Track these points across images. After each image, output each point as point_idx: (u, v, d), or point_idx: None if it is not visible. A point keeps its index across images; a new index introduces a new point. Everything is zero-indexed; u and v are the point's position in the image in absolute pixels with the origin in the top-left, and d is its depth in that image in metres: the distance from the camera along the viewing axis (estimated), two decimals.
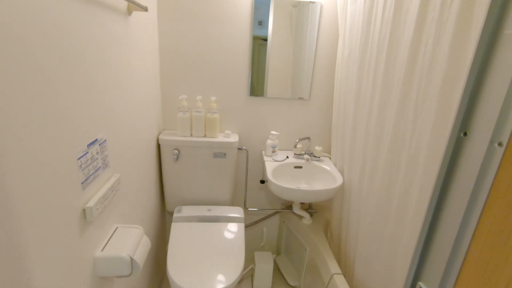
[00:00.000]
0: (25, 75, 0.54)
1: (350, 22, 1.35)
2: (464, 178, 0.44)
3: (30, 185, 0.57)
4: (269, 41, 1.53)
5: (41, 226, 0.61)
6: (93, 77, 0.81)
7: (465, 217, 0.44)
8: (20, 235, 0.55)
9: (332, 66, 1.59)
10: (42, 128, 0.60)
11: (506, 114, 0.38)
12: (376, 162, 1.17)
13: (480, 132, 0.42)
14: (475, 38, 0.60)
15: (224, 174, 1.61)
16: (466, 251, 0.43)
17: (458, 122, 0.44)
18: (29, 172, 0.56)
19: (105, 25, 0.87)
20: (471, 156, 0.42)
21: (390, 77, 1.07)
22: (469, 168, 0.43)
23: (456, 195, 0.45)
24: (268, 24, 1.50)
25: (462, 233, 0.45)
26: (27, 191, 0.56)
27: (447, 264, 0.46)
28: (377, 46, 1.13)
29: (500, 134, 0.39)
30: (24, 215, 0.55)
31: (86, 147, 0.78)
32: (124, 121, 1.06)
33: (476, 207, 0.42)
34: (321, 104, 1.67)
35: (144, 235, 1.02)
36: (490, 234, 0.40)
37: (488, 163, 0.40)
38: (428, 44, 0.85)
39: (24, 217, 0.55)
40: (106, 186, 0.89)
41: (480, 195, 0.42)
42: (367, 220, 1.24)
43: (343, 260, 1.55)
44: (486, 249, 0.41)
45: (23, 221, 0.55)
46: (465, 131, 0.44)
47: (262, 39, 1.52)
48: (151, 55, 1.39)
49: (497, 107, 0.39)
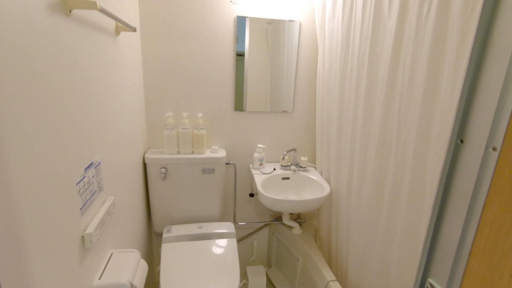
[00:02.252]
0: (25, 100, 0.53)
1: (329, 38, 1.43)
2: (464, 180, 0.49)
3: (32, 213, 0.54)
4: (246, 56, 1.57)
5: (41, 255, 0.58)
6: (87, 98, 0.79)
7: (468, 213, 0.48)
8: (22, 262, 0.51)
9: (313, 79, 1.67)
10: (42, 152, 0.58)
11: (498, 121, 0.44)
12: (363, 169, 1.24)
13: (475, 138, 0.47)
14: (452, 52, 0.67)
15: (213, 189, 1.60)
16: (471, 245, 0.48)
17: (456, 130, 0.50)
18: (32, 200, 0.54)
19: (98, 47, 0.86)
20: (469, 160, 0.48)
21: (372, 89, 1.14)
22: (468, 171, 0.48)
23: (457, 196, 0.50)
24: (245, 39, 1.54)
25: (466, 229, 0.50)
26: (29, 219, 0.53)
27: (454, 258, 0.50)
28: (358, 60, 1.22)
29: (493, 139, 0.45)
30: (26, 243, 0.52)
31: (83, 171, 0.76)
32: (115, 142, 1.04)
33: (477, 205, 0.47)
34: (305, 116, 1.74)
35: (142, 259, 0.98)
36: (492, 228, 0.45)
37: (485, 166, 0.46)
38: (407, 60, 0.94)
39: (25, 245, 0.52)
40: (103, 211, 0.85)
41: (480, 194, 0.47)
42: (358, 225, 1.29)
43: (335, 267, 1.59)
44: (490, 241, 0.46)
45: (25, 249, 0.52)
46: (462, 139, 0.49)
47: (239, 54, 1.56)
48: (136, 74, 1.38)
49: (490, 115, 0.45)
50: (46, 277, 0.59)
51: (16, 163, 0.49)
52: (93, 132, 0.83)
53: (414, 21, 0.89)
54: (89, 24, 0.80)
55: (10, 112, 0.47)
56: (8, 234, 0.47)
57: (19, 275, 0.50)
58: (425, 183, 0.86)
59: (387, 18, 1.03)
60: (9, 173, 0.47)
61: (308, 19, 1.58)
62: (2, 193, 0.45)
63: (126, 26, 1.00)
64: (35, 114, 0.55)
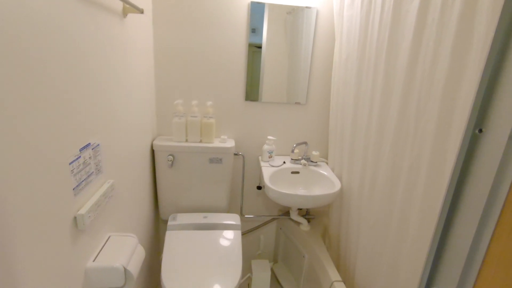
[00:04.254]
0: (15, 73, 0.51)
1: (347, 26, 1.35)
2: (482, 176, 0.42)
3: (18, 191, 0.52)
4: (263, 48, 1.53)
5: (29, 234, 0.56)
6: (86, 79, 0.78)
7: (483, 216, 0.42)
8: (9, 243, 0.50)
9: (329, 70, 1.59)
10: (32, 129, 0.56)
11: None
12: (377, 166, 1.16)
13: (497, 128, 0.40)
14: (480, 37, 0.59)
15: (220, 180, 1.58)
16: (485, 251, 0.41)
17: (473, 119, 0.43)
18: (17, 177, 0.52)
19: (100, 27, 0.84)
20: (488, 153, 0.41)
21: (390, 80, 1.06)
22: (486, 165, 0.41)
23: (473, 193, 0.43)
24: (263, 31, 1.50)
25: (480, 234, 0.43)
26: (16, 197, 0.52)
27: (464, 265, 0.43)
28: (376, 50, 1.13)
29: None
30: (12, 222, 0.51)
31: (79, 151, 0.74)
32: (118, 126, 1.02)
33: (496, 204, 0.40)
34: (318, 109, 1.66)
35: (139, 244, 0.97)
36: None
37: (507, 159, 0.39)
38: (429, 46, 0.85)
39: (12, 225, 0.51)
40: (99, 193, 0.84)
41: (500, 190, 0.40)
42: (368, 225, 1.22)
43: (343, 266, 1.52)
44: (508, 249, 0.39)
45: (12, 229, 0.51)
46: (481, 128, 0.42)
47: (256, 46, 1.52)
48: (146, 59, 1.36)
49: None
50: (34, 255, 0.58)
51: None
52: (93, 114, 0.82)
53: (440, 1, 0.80)
54: (91, 2, 0.79)
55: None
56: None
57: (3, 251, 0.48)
58: (443, 183, 0.77)
59: (409, 1, 0.94)
60: None
61: (325, 6, 1.49)
62: None
63: (133, 7, 0.97)
64: (23, 91, 0.53)
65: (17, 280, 0.53)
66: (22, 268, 0.54)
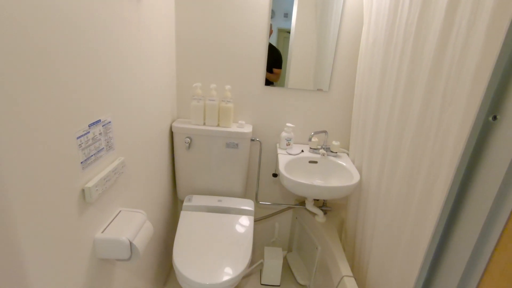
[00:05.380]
0: (21, 43, 0.53)
1: (377, 6, 1.24)
2: (493, 167, 0.36)
3: (23, 160, 0.55)
4: (291, 33, 1.47)
5: (36, 203, 0.60)
6: (97, 58, 0.79)
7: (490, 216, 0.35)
8: (14, 212, 0.54)
9: (354, 56, 1.49)
10: (37, 100, 0.58)
11: None
12: (396, 160, 1.08)
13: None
14: None
15: (235, 165, 1.58)
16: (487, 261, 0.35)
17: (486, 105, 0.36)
18: (22, 147, 0.55)
19: (112, 5, 0.85)
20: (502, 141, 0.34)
21: (416, 65, 0.96)
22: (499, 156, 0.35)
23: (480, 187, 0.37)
24: (292, 16, 1.44)
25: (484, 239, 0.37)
26: (21, 166, 0.55)
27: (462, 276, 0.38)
28: (404, 32, 1.03)
29: None
30: (18, 191, 0.54)
31: (88, 126, 0.77)
32: (133, 105, 1.05)
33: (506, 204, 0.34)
34: (341, 97, 1.58)
35: (147, 221, 1.00)
36: None
37: None
38: (462, 26, 0.75)
39: (17, 194, 0.54)
40: (109, 168, 0.88)
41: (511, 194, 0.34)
42: (384, 221, 1.15)
43: (357, 262, 1.47)
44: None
45: (17, 198, 0.54)
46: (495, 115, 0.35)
47: (287, 31, 1.47)
48: (167, 41, 1.37)
49: None
50: (42, 223, 0.62)
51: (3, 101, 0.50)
52: (105, 92, 0.84)
53: None
54: None
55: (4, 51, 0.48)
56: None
57: (2, 215, 0.52)
58: None
59: None
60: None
61: None
62: None
63: None
64: (31, 59, 0.55)
65: (24, 245, 0.57)
66: (28, 236, 0.58)
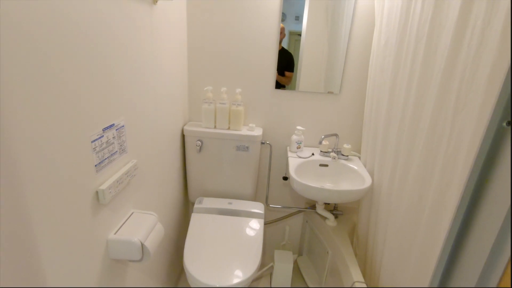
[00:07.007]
0: (39, 51, 0.55)
1: (389, 6, 1.23)
2: (506, 173, 0.35)
3: (41, 163, 0.58)
4: (303, 36, 1.47)
5: (52, 205, 0.62)
6: (111, 64, 0.82)
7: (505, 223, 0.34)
8: (31, 212, 0.56)
9: (365, 58, 1.47)
10: (56, 106, 0.61)
11: None
12: (408, 163, 1.06)
13: None
14: None
15: (246, 168, 1.58)
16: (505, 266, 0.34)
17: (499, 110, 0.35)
18: (41, 150, 0.58)
19: (126, 11, 0.88)
20: None
21: (429, 67, 0.94)
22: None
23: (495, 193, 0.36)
24: (303, 18, 1.44)
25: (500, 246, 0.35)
26: (39, 169, 0.57)
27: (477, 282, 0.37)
28: (417, 32, 1.01)
29: None
30: (35, 193, 0.57)
31: (102, 131, 0.79)
32: (146, 110, 1.07)
33: None
34: (352, 99, 1.56)
35: (158, 223, 1.02)
36: None
37: None
38: (477, 25, 0.73)
39: (35, 195, 0.57)
40: (122, 171, 0.90)
41: None
42: (396, 226, 1.13)
43: (369, 267, 1.44)
44: None
45: (34, 199, 0.57)
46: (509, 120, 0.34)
47: (298, 34, 1.47)
48: (179, 46, 1.40)
49: None
50: (57, 223, 0.64)
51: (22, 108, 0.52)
52: (119, 97, 0.87)
53: None
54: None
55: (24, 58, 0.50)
56: (11, 179, 0.51)
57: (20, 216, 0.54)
58: None
59: None
60: (13, 117, 0.50)
61: None
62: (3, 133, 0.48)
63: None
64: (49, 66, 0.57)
65: (40, 244, 0.59)
66: (45, 233, 0.60)
